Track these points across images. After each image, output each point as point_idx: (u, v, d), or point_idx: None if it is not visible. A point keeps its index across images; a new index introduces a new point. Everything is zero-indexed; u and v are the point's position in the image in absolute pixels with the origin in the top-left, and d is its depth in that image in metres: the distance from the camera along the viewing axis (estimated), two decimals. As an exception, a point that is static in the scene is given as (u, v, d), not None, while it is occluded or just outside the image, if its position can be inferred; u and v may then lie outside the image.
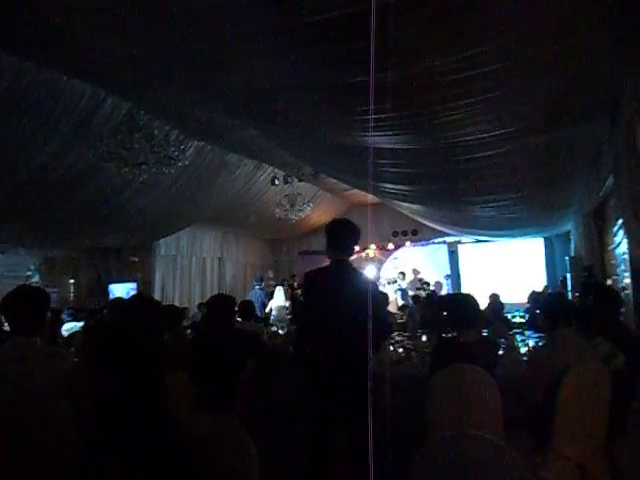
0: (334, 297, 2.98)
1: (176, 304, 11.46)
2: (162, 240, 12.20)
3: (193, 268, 13.41)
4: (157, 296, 11.81)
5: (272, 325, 7.37)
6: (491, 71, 3.18)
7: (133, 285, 11.88)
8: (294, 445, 3.34)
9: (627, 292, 5.48)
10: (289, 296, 11.42)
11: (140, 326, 2.51)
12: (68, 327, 7.22)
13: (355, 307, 2.77)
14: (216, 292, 12.56)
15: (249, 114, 4.97)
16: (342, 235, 3.11)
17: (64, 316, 7.67)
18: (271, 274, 15.21)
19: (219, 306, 3.47)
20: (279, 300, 10.59)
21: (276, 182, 10.44)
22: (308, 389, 3.10)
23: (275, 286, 11.59)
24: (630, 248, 4.29)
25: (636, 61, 3.25)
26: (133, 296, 6.07)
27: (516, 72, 3.21)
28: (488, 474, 1.21)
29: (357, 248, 10.19)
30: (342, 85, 3.53)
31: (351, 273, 3.12)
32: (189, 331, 6.10)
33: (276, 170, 10.41)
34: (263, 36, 3.02)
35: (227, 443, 1.52)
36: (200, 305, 9.26)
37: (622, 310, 5.78)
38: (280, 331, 6.44)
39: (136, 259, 12.69)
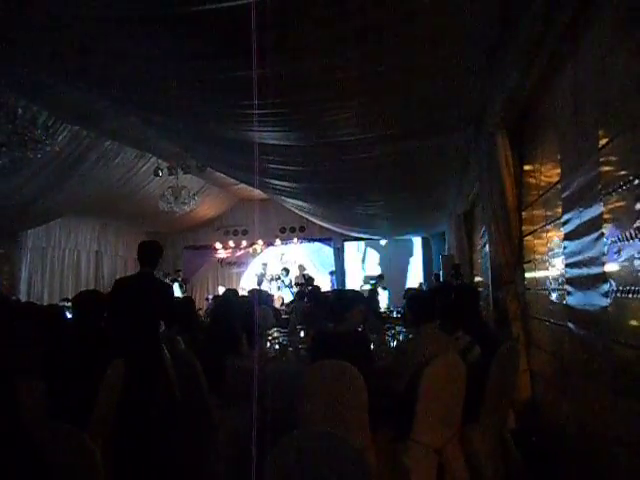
0: (134, 300, 3.67)
1: (44, 301, 10.60)
2: (30, 231, 11.16)
3: (66, 262, 12.44)
4: (22, 292, 10.81)
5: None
6: (369, 73, 3.29)
7: (-6, 279, 10.75)
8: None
9: (489, 289, 5.97)
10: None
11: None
12: None
13: (148, 306, 3.61)
14: (92, 288, 11.79)
15: (128, 101, 4.69)
16: (148, 252, 3.83)
17: None
18: (154, 269, 14.59)
19: (85, 302, 3.21)
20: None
21: (160, 173, 10.00)
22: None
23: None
24: (490, 250, 4.65)
25: (497, 78, 3.54)
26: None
27: (391, 77, 3.35)
28: (328, 469, 1.23)
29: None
30: (224, 79, 3.45)
31: (150, 281, 3.81)
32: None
33: (160, 161, 9.97)
34: (142, 22, 2.86)
35: (70, 453, 1.41)
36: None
37: (483, 305, 6.30)
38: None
39: (1, 251, 11.50)
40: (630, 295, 2.07)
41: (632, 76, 2.02)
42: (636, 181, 1.97)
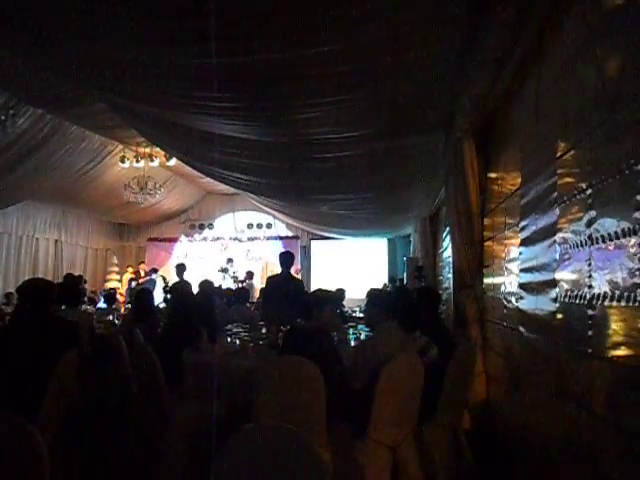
0: (278, 291, 5.35)
1: (-2, 289, 10.24)
2: (-16, 215, 10.78)
3: (23, 249, 12.03)
4: (-25, 278, 10.42)
5: (109, 314, 6.88)
6: (339, 73, 3.29)
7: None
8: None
9: (450, 292, 6.08)
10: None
11: None
12: None
13: (286, 296, 5.11)
14: (51, 277, 11.44)
15: (88, 82, 4.56)
16: (285, 259, 5.69)
17: None
18: (115, 260, 14.28)
19: (31, 291, 3.09)
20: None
21: (126, 161, 9.78)
22: None
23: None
24: (453, 254, 4.73)
25: (466, 84, 3.60)
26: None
27: (361, 77, 3.36)
28: (283, 464, 1.23)
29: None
30: (184, 65, 3.39)
31: (288, 278, 5.64)
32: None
33: (126, 150, 9.76)
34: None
35: (15, 446, 1.37)
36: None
37: (444, 308, 6.40)
38: (116, 321, 6.06)
39: (-47, 235, 11.07)
40: (576, 300, 2.15)
41: (590, 89, 2.09)
42: (589, 191, 2.04)
